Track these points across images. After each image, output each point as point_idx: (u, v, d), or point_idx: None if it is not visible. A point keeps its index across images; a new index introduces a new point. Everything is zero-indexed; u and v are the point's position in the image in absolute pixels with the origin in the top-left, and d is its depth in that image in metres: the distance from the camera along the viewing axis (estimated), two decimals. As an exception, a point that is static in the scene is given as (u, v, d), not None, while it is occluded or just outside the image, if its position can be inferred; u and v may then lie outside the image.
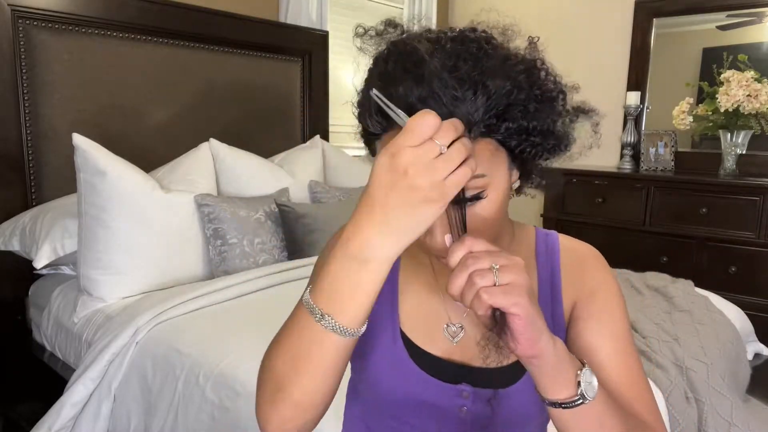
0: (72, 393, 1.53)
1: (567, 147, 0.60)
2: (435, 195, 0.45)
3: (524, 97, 0.53)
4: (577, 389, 0.53)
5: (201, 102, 2.47)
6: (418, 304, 0.69)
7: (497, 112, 0.52)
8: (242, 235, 1.98)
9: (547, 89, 0.56)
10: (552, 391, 0.53)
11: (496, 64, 0.53)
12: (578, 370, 0.54)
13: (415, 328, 0.68)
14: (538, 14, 3.43)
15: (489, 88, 0.51)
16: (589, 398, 0.53)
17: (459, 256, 0.50)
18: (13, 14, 1.90)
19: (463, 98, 0.51)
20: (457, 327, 0.68)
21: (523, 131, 0.55)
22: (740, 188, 2.54)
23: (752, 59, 2.72)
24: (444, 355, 0.67)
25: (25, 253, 1.86)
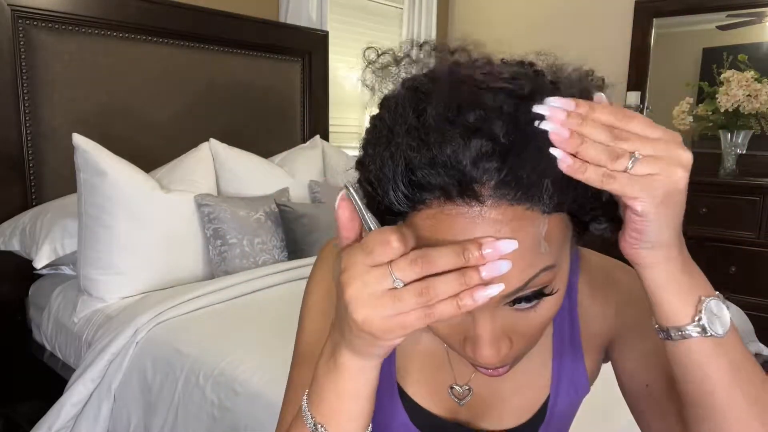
0: (72, 393, 1.53)
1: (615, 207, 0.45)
2: (375, 332, 0.36)
3: None
4: (696, 315, 0.42)
5: (201, 102, 2.47)
6: (420, 357, 0.61)
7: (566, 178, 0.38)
8: (242, 235, 1.98)
9: None
10: (665, 310, 0.42)
11: None
12: (704, 296, 0.42)
13: (415, 385, 0.60)
14: (538, 14, 3.43)
15: None
16: (711, 332, 0.41)
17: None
18: (13, 14, 1.90)
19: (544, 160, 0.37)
20: (464, 389, 0.61)
21: (592, 197, 0.42)
22: (740, 188, 2.54)
23: (752, 59, 2.72)
24: (448, 414, 0.60)
25: (25, 253, 1.86)
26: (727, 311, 0.42)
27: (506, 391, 0.62)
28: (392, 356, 0.60)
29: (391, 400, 0.60)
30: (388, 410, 0.60)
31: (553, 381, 0.61)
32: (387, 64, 0.48)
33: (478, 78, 0.41)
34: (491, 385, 0.61)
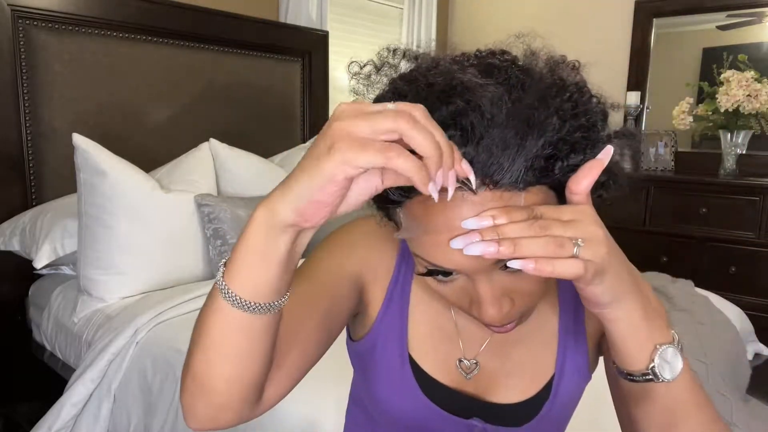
0: (72, 393, 1.53)
1: (618, 181, 0.51)
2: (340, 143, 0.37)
3: (572, 129, 0.45)
4: (650, 364, 0.47)
5: (201, 102, 2.47)
6: (431, 329, 0.64)
7: (548, 152, 0.43)
8: (242, 235, 1.98)
9: (592, 114, 0.48)
10: (622, 358, 0.48)
11: (541, 94, 0.45)
12: (659, 345, 0.47)
13: (425, 355, 0.63)
14: (538, 14, 3.43)
15: (539, 126, 0.43)
16: (663, 378, 0.47)
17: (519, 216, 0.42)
18: (13, 14, 1.90)
19: (518, 143, 0.42)
20: (472, 362, 0.64)
21: (577, 168, 0.45)
22: (740, 188, 2.54)
23: (752, 59, 2.72)
24: (455, 386, 0.63)
25: (25, 253, 1.86)
26: (680, 358, 0.48)
27: (512, 366, 0.64)
28: (404, 327, 0.64)
29: (402, 368, 0.63)
30: (399, 378, 0.63)
31: (558, 359, 0.64)
32: (369, 73, 0.53)
33: (449, 75, 0.44)
34: (498, 359, 0.64)
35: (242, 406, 0.49)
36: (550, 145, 0.43)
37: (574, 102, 0.46)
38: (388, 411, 0.64)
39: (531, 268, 0.40)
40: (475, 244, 0.41)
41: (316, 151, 0.39)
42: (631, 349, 0.47)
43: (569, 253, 0.40)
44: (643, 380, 0.47)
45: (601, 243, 0.41)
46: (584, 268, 0.40)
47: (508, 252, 0.40)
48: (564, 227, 0.41)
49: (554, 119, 0.44)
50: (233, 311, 0.45)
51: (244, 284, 0.44)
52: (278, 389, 0.54)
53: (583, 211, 0.42)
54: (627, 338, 0.47)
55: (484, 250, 0.41)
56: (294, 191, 0.40)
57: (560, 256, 0.40)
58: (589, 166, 0.44)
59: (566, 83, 0.48)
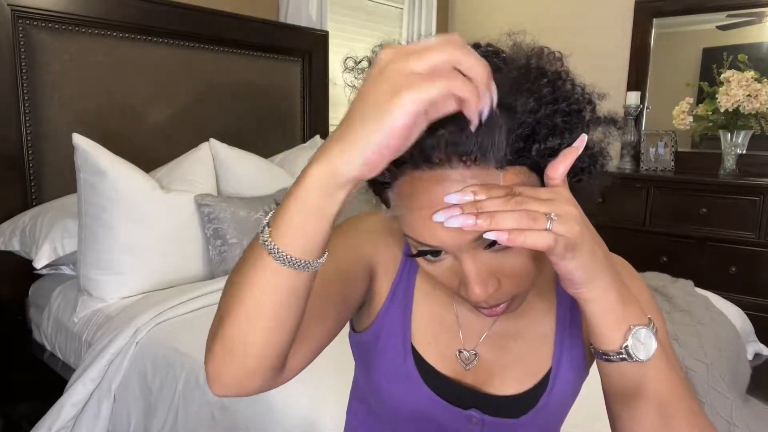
0: (72, 393, 1.53)
1: (603, 165, 0.54)
2: (403, 82, 0.38)
3: (550, 113, 0.47)
4: (623, 343, 0.49)
5: (201, 102, 2.47)
6: (432, 321, 0.66)
7: (524, 133, 0.46)
8: (242, 235, 1.98)
9: (575, 101, 0.50)
10: (598, 336, 0.50)
11: (516, 78, 0.47)
12: (633, 325, 0.49)
13: (427, 345, 0.65)
14: (538, 14, 3.43)
15: (513, 107, 0.45)
16: (637, 358, 0.49)
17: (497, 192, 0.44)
18: (13, 14, 1.90)
19: (490, 123, 0.43)
20: (471, 353, 0.65)
21: (556, 152, 0.47)
22: (740, 188, 2.54)
23: (752, 59, 2.72)
24: (455, 376, 0.65)
25: (25, 253, 1.86)
26: (654, 340, 0.49)
27: (510, 359, 0.65)
28: (407, 319, 0.66)
29: (405, 358, 0.65)
30: (401, 367, 0.64)
31: (555, 352, 0.65)
32: (364, 68, 0.55)
33: None
34: (496, 351, 0.66)
35: (269, 374, 0.51)
36: (527, 125, 0.46)
37: (551, 87, 0.48)
38: (390, 401, 0.65)
39: (504, 238, 0.42)
40: (455, 217, 0.44)
41: (374, 97, 0.39)
42: (605, 328, 0.49)
43: (542, 226, 0.43)
44: (618, 359, 0.49)
45: (575, 220, 0.44)
46: (555, 240, 0.43)
47: (485, 225, 0.42)
48: (539, 203, 0.43)
49: (530, 101, 0.46)
50: (281, 270, 0.45)
51: (296, 242, 0.44)
52: (300, 361, 0.57)
53: (559, 192, 0.45)
54: (602, 317, 0.49)
55: (463, 222, 0.43)
56: (359, 144, 0.40)
57: (533, 228, 0.42)
58: (564, 152, 0.47)
59: (545, 70, 0.50)
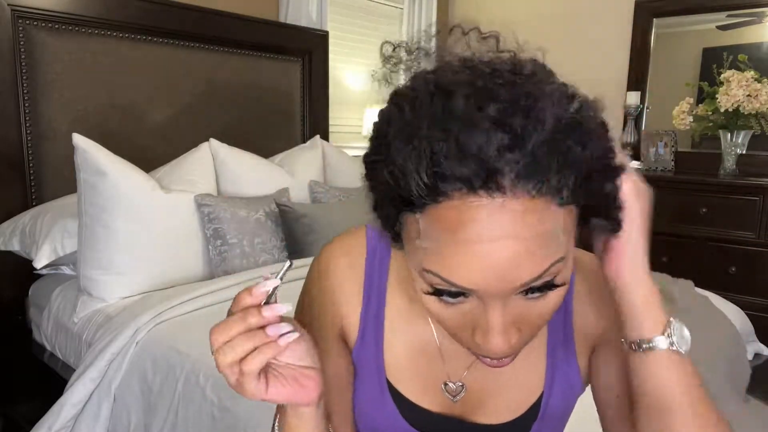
0: (72, 393, 1.53)
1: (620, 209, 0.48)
2: (233, 381, 0.46)
3: (606, 152, 0.44)
4: (666, 330, 0.49)
5: (201, 102, 2.47)
6: (411, 355, 0.61)
7: (592, 167, 0.42)
8: (242, 235, 1.98)
9: (609, 142, 0.45)
10: (639, 323, 0.50)
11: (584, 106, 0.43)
12: (671, 317, 0.50)
13: (407, 381, 0.61)
14: (538, 14, 3.43)
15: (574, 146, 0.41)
16: (678, 347, 0.49)
17: None
18: (13, 14, 1.90)
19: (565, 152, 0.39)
20: (458, 385, 0.61)
21: (605, 193, 0.45)
22: (740, 188, 2.54)
23: (752, 59, 2.72)
24: (442, 409, 0.61)
25: (25, 253, 1.86)
26: (689, 335, 0.50)
27: (500, 386, 0.62)
28: (380, 352, 0.61)
29: (381, 396, 0.61)
30: (377, 406, 0.61)
31: (546, 378, 0.62)
32: (400, 59, 0.49)
33: (489, 71, 0.42)
34: (485, 380, 0.62)
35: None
36: (593, 160, 0.41)
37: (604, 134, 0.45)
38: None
39: None
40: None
41: None
42: (647, 314, 0.49)
43: None
44: (656, 348, 0.49)
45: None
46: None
47: None
48: None
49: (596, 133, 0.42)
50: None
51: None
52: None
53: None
54: (643, 304, 0.49)
55: None
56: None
57: None
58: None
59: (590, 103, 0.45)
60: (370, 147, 0.46)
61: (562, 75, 0.48)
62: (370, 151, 0.46)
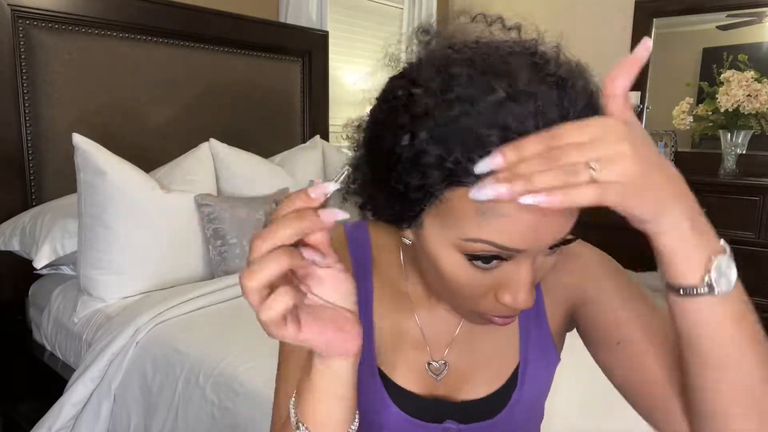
0: (72, 393, 1.53)
1: None
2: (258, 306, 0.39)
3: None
4: (705, 276, 0.43)
5: (201, 102, 2.47)
6: (397, 340, 0.64)
7: None
8: (242, 235, 1.98)
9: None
10: (675, 272, 0.43)
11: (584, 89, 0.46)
12: (713, 255, 0.43)
13: (394, 366, 0.63)
14: (538, 14, 3.41)
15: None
16: (719, 291, 0.43)
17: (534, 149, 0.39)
18: (13, 14, 1.90)
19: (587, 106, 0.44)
20: (440, 364, 0.64)
21: None
22: (740, 188, 2.54)
23: (752, 59, 2.72)
24: (426, 392, 0.64)
25: (25, 253, 1.86)
26: (735, 269, 0.44)
27: (479, 361, 0.65)
28: (371, 340, 0.63)
29: (373, 382, 0.62)
30: (369, 393, 0.62)
31: (521, 348, 0.65)
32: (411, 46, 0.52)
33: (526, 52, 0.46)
34: (464, 357, 0.65)
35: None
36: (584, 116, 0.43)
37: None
38: (365, 423, 0.64)
39: (543, 200, 0.37)
40: (486, 188, 0.39)
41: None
42: (682, 260, 0.43)
43: (584, 178, 0.37)
44: (697, 294, 0.43)
45: (629, 160, 0.38)
46: (601, 191, 0.37)
47: (521, 189, 0.38)
48: (580, 150, 0.38)
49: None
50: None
51: (332, 426, 0.47)
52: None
53: (607, 125, 0.39)
54: (677, 250, 0.43)
55: (496, 192, 0.38)
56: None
57: (574, 183, 0.37)
58: (626, 62, 0.40)
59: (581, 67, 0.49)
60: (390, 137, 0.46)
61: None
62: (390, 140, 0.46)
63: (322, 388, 0.46)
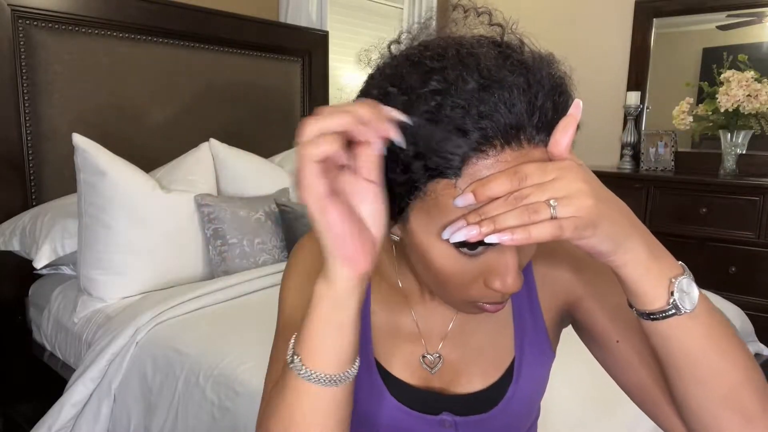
0: (72, 393, 1.53)
1: None
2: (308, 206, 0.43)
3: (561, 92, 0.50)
4: (670, 298, 0.46)
5: (201, 102, 2.47)
6: (393, 333, 0.65)
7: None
8: (242, 235, 1.98)
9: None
10: (641, 299, 0.47)
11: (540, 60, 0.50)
12: (674, 278, 0.46)
13: (390, 357, 0.65)
14: (538, 14, 3.43)
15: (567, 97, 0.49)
16: (684, 310, 0.46)
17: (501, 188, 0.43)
18: (13, 14, 1.90)
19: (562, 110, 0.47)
20: (435, 357, 0.66)
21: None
22: (740, 188, 2.54)
23: (752, 59, 2.72)
24: (422, 384, 0.65)
25: (25, 253, 1.86)
26: (695, 286, 0.47)
27: (473, 354, 0.66)
28: (368, 334, 0.64)
29: (370, 374, 0.64)
30: (367, 384, 0.63)
31: (516, 342, 0.66)
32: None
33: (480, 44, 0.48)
34: (458, 350, 0.66)
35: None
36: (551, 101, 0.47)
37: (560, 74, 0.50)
38: (361, 416, 0.65)
39: (507, 239, 0.42)
40: (459, 231, 0.44)
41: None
42: (647, 288, 0.46)
43: (545, 216, 0.41)
44: (665, 317, 0.46)
45: (585, 195, 0.42)
46: (561, 227, 0.41)
47: (488, 230, 0.42)
48: (541, 190, 0.42)
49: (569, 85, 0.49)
50: (325, 390, 0.47)
51: (328, 360, 0.46)
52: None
53: (563, 167, 0.43)
54: (640, 280, 0.46)
55: (467, 234, 0.43)
56: (326, 252, 0.45)
57: (535, 221, 0.41)
58: (563, 124, 0.45)
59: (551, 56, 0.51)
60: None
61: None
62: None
63: (322, 315, 0.46)
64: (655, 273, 0.46)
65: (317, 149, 0.41)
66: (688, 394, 0.49)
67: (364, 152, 0.43)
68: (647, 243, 0.46)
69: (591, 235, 0.43)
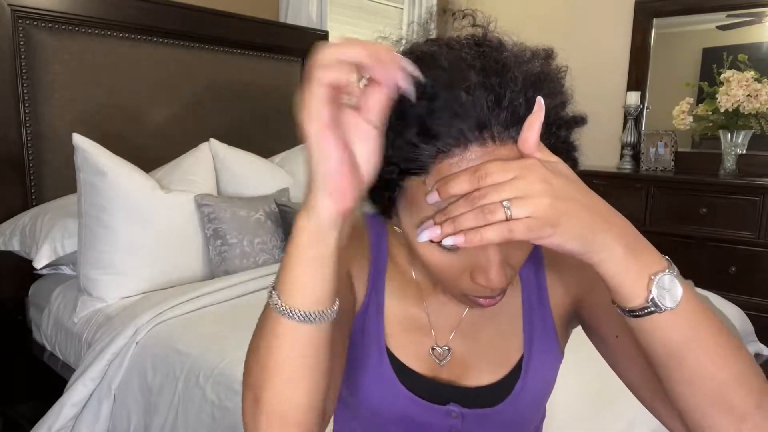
0: (72, 393, 1.53)
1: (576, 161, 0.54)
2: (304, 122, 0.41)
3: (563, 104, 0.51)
4: (649, 295, 0.45)
5: (201, 102, 2.47)
6: (405, 323, 0.67)
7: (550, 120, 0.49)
8: (242, 235, 1.98)
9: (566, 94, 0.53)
10: (620, 296, 0.46)
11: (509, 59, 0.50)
12: (653, 274, 0.45)
13: (401, 346, 0.66)
14: (538, 14, 3.43)
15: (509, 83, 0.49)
16: (664, 307, 0.45)
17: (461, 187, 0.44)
18: (13, 14, 1.90)
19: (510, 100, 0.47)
20: (444, 349, 0.67)
21: (563, 140, 0.52)
22: (740, 188, 2.54)
23: (752, 59, 2.72)
24: (431, 374, 0.66)
25: (25, 253, 1.86)
26: (678, 283, 0.46)
27: (482, 349, 0.67)
28: (381, 322, 0.66)
29: (381, 360, 0.65)
30: (377, 370, 0.65)
31: (525, 339, 0.67)
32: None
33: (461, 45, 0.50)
34: (467, 344, 0.67)
35: (318, 425, 0.51)
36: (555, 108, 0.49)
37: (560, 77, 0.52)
38: (370, 403, 0.66)
39: (461, 241, 0.42)
40: (425, 231, 0.45)
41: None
42: (625, 285, 0.45)
43: (499, 217, 0.41)
44: (645, 314, 0.45)
45: (541, 195, 0.41)
46: (510, 229, 0.41)
47: (449, 231, 0.43)
48: (497, 191, 0.42)
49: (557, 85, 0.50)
50: (302, 328, 0.45)
51: (306, 296, 0.45)
52: (332, 402, 0.57)
53: (527, 166, 0.43)
54: (617, 277, 0.45)
55: (431, 234, 0.44)
56: (314, 182, 0.43)
57: (489, 222, 0.41)
58: (528, 122, 0.45)
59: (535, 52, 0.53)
60: None
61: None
62: None
63: (300, 246, 0.44)
64: (634, 270, 0.45)
65: (330, 73, 0.41)
66: (675, 393, 0.49)
67: (373, 94, 0.42)
68: (624, 239, 0.45)
69: (551, 234, 0.42)
